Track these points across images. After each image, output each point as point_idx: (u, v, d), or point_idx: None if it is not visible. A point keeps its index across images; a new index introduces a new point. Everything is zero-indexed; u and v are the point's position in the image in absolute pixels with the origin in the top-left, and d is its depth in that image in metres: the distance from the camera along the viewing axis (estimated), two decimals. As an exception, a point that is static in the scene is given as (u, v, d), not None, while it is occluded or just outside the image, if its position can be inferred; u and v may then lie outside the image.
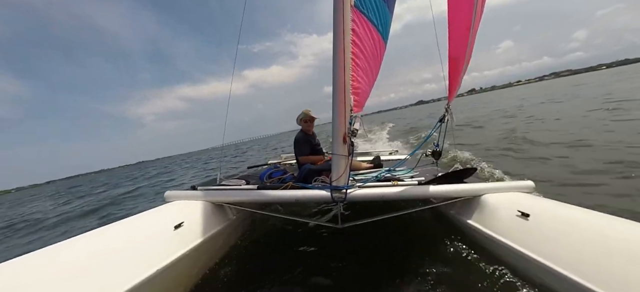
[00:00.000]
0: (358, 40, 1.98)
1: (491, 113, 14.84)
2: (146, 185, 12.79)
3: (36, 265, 1.39)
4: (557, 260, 1.33)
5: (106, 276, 1.41)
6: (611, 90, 14.74)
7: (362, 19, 1.98)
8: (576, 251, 1.31)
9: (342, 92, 1.95)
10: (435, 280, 1.77)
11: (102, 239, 1.68)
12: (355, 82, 2.01)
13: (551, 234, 1.47)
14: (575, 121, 7.58)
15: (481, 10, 2.03)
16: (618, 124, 6.19)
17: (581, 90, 20.12)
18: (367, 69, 2.11)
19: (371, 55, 2.13)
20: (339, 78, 1.93)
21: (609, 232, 1.33)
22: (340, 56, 1.91)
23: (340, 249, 2.37)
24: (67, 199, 12.73)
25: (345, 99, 1.96)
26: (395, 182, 2.20)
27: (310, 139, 3.31)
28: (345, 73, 1.93)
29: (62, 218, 7.38)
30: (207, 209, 2.24)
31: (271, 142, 36.36)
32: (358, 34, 1.97)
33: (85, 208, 8.46)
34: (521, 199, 1.83)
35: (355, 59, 1.99)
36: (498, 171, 3.88)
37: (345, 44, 1.90)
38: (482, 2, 1.98)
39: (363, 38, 2.01)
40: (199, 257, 1.97)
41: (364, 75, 2.08)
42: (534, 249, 1.46)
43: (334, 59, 1.93)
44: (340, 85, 1.95)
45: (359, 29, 1.97)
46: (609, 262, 1.19)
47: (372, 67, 2.19)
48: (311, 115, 3.29)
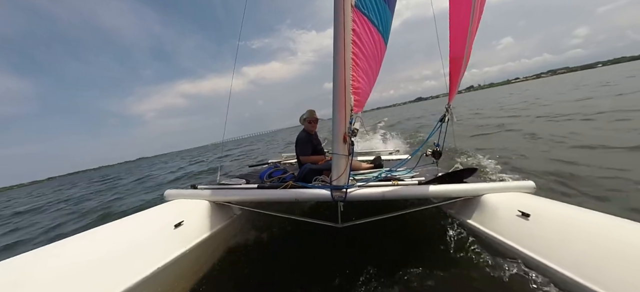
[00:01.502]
0: (358, 40, 1.98)
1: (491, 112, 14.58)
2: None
3: (37, 263, 1.40)
4: (558, 260, 1.33)
5: (107, 274, 1.42)
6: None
7: (362, 19, 1.98)
8: (576, 252, 1.31)
9: (342, 92, 1.95)
10: (435, 280, 1.77)
11: (103, 238, 1.69)
12: (356, 82, 2.01)
13: (551, 235, 1.46)
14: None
15: (480, 11, 2.02)
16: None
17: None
18: (367, 69, 2.11)
19: (371, 55, 2.12)
20: (339, 78, 1.93)
21: (610, 233, 1.33)
22: (341, 56, 1.91)
23: (340, 249, 2.37)
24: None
25: (345, 99, 1.96)
26: (395, 182, 2.20)
27: (312, 139, 3.32)
28: (345, 73, 1.93)
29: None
30: (207, 208, 2.24)
31: (265, 138, 36.36)
32: (358, 34, 1.97)
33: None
34: (522, 199, 1.83)
35: (356, 59, 1.99)
36: (499, 170, 3.87)
37: (346, 44, 1.90)
38: (481, 3, 1.98)
39: (363, 38, 2.01)
40: (198, 255, 1.97)
41: (364, 75, 2.08)
42: (535, 249, 1.46)
43: (335, 59, 1.93)
44: (340, 85, 1.95)
45: (359, 29, 1.97)
46: (610, 263, 1.19)
47: (372, 67, 2.19)
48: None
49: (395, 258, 2.14)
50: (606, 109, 7.75)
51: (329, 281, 1.95)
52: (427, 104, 63.08)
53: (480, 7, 2.03)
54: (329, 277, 1.98)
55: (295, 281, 2.02)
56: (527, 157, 4.59)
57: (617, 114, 6.69)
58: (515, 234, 1.62)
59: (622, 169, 3.28)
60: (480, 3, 2.00)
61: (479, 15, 2.06)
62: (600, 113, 7.26)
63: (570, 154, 4.32)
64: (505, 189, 2.04)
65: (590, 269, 1.21)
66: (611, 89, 13.75)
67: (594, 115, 7.10)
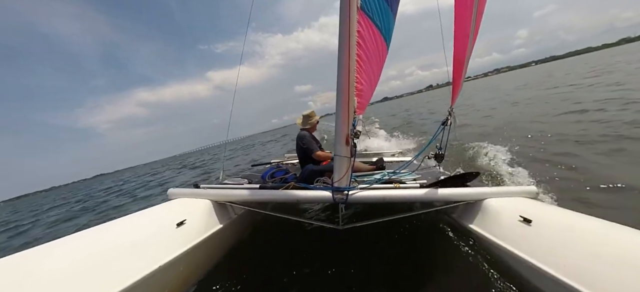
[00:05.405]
0: (362, 42, 1.98)
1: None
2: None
3: (38, 260, 1.41)
4: (559, 268, 1.32)
5: (108, 272, 1.43)
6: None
7: (367, 21, 1.98)
8: (578, 259, 1.30)
9: (346, 94, 1.95)
10: (435, 284, 1.77)
11: (105, 236, 1.70)
12: (359, 84, 2.01)
13: (553, 241, 1.46)
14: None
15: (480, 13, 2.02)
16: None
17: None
18: (370, 71, 2.11)
19: (374, 58, 2.12)
20: (343, 79, 1.93)
21: (612, 240, 1.32)
22: (346, 58, 1.91)
23: (341, 251, 2.38)
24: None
25: (348, 101, 1.96)
26: (397, 185, 2.20)
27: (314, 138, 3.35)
28: (349, 75, 1.93)
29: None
30: (209, 208, 2.25)
31: (245, 142, 36.03)
32: (362, 36, 1.97)
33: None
34: (524, 205, 1.82)
35: (359, 61, 1.99)
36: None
37: (351, 46, 1.90)
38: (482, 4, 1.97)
39: (367, 40, 2.01)
40: (200, 255, 1.98)
41: (366, 78, 2.08)
42: (536, 256, 1.45)
43: (339, 60, 1.93)
44: (344, 87, 1.94)
45: (363, 31, 1.97)
46: (611, 271, 1.18)
47: (374, 70, 2.19)
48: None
49: (395, 261, 2.14)
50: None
51: (329, 283, 1.95)
52: (392, 104, 66.49)
53: (481, 9, 2.03)
54: (329, 278, 1.99)
55: (295, 281, 2.03)
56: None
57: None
58: (516, 240, 1.61)
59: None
60: (481, 5, 1.99)
61: (479, 17, 2.06)
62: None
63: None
64: (507, 194, 2.03)
65: (591, 277, 1.20)
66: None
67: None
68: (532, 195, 2.01)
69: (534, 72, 45.96)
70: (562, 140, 4.61)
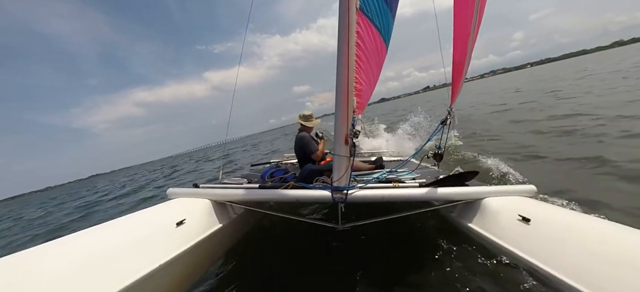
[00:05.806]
0: (361, 43, 1.98)
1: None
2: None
3: (38, 260, 1.40)
4: (557, 266, 1.33)
5: (108, 271, 1.43)
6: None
7: (366, 22, 1.98)
8: (576, 258, 1.31)
9: (345, 94, 1.95)
10: (434, 283, 1.78)
11: (105, 235, 1.70)
12: (358, 84, 2.02)
13: (551, 240, 1.46)
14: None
15: (480, 15, 2.03)
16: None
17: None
18: (369, 71, 2.12)
19: (373, 58, 2.13)
20: (343, 79, 1.93)
21: (609, 239, 1.33)
22: (345, 58, 1.91)
23: (340, 250, 2.38)
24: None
25: (348, 101, 1.96)
26: (396, 184, 2.20)
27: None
28: (349, 74, 1.93)
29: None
30: (209, 207, 2.25)
31: (253, 140, 36.05)
32: (362, 37, 1.98)
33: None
34: (522, 204, 1.83)
35: (359, 61, 1.99)
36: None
37: (350, 46, 1.90)
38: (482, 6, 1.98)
39: (366, 40, 2.02)
40: (200, 254, 1.98)
41: (366, 78, 2.08)
42: (534, 255, 1.46)
43: (339, 60, 1.93)
44: (343, 87, 1.95)
45: (363, 31, 1.98)
46: (609, 270, 1.18)
47: (373, 70, 2.19)
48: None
49: (394, 260, 2.15)
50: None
51: (329, 282, 1.96)
52: (389, 104, 68.03)
53: (481, 11, 2.04)
54: (328, 278, 1.99)
55: (295, 281, 2.03)
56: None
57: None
58: (515, 238, 1.62)
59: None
60: (481, 6, 2.00)
61: (479, 19, 2.07)
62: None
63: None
64: (506, 193, 2.03)
65: (590, 276, 1.21)
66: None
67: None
68: (531, 194, 2.02)
69: (520, 76, 47.08)
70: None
